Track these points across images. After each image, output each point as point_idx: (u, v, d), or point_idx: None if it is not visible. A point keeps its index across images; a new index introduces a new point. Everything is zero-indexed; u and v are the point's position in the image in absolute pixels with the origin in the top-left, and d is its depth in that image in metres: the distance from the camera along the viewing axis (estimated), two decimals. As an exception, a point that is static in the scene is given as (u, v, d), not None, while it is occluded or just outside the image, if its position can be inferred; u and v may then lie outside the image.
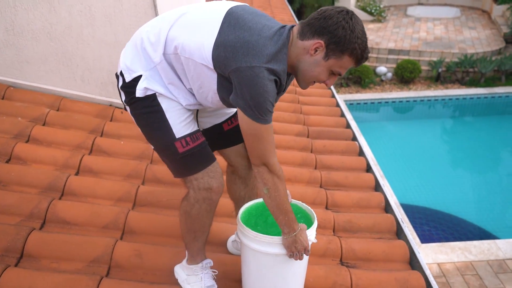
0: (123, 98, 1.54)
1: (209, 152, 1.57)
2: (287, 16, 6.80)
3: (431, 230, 5.51)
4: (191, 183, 1.54)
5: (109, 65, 2.91)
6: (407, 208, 5.69)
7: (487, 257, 4.66)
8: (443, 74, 10.10)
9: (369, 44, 10.97)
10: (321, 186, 2.64)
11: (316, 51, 1.34)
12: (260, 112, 1.32)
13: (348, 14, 1.32)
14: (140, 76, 1.47)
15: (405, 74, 9.82)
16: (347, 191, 2.58)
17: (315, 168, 2.83)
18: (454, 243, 4.89)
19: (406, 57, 10.49)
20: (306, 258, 1.61)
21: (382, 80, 10.33)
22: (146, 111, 1.50)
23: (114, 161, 2.48)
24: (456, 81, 10.10)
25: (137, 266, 1.82)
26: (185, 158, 1.51)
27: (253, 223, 1.66)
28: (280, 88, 1.40)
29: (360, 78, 9.98)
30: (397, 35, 11.77)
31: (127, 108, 1.56)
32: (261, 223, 1.68)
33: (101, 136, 2.72)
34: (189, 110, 1.56)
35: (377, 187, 2.66)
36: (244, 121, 1.36)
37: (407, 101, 9.47)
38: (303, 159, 2.85)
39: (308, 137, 3.24)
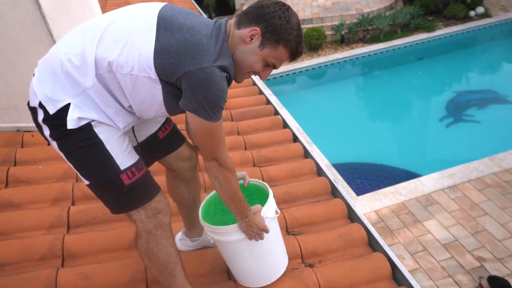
0: (47, 132, 1.34)
1: (153, 180, 1.50)
2: (187, 4, 6.69)
3: (364, 182, 5.87)
4: (138, 215, 1.45)
5: (4, 87, 2.68)
6: (339, 167, 5.99)
7: (415, 195, 5.09)
8: (346, 36, 10.61)
9: (273, 19, 11.17)
10: (254, 165, 2.70)
11: (252, 38, 1.33)
12: (214, 111, 1.30)
13: (285, 6, 1.34)
14: (68, 105, 1.29)
15: (312, 42, 10.17)
16: (280, 164, 2.66)
17: (245, 149, 2.88)
18: (386, 189, 5.26)
19: (310, 26, 10.84)
20: (274, 230, 1.67)
21: (292, 52, 10.60)
22: (82, 145, 1.33)
23: (36, 188, 2.32)
24: (359, 40, 10.67)
25: (85, 288, 1.76)
26: (132, 190, 1.40)
27: (212, 213, 1.73)
28: (230, 83, 1.37)
29: (271, 53, 10.15)
30: (298, 6, 12.09)
31: (53, 143, 1.37)
32: (219, 211, 1.73)
33: (15, 165, 2.52)
34: (125, 134, 1.46)
35: (307, 154, 2.78)
36: (196, 122, 1.32)
37: (319, 67, 9.85)
38: (232, 142, 2.88)
39: (232, 120, 3.27)
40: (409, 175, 5.70)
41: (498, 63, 9.54)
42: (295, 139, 2.97)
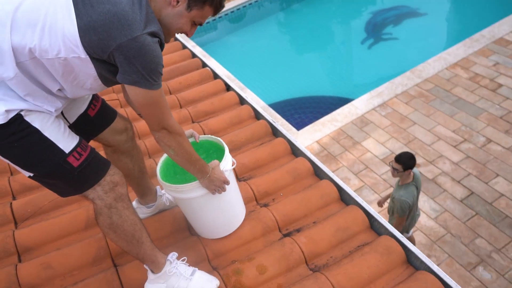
0: None
1: (100, 156, 1.47)
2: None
3: (302, 116, 6.07)
4: (95, 193, 1.42)
5: None
6: (276, 106, 6.11)
7: (350, 119, 5.37)
8: (259, -28, 10.36)
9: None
10: (193, 122, 2.70)
11: (178, 2, 1.30)
12: (154, 78, 1.28)
13: None
14: None
15: (226, -16, 9.85)
16: (218, 116, 2.68)
17: (181, 107, 2.86)
18: (323, 118, 5.49)
19: (220, -33, 10.43)
20: (232, 181, 1.73)
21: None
22: (17, 138, 1.26)
23: (-31, 191, 2.19)
24: (273, -26, 10.48)
25: (51, 277, 1.75)
26: (84, 170, 1.37)
27: (172, 173, 1.74)
28: (162, 47, 1.34)
29: (187, 3, 9.76)
30: None
31: None
32: (179, 170, 1.73)
33: None
34: (58, 117, 1.40)
35: (242, 101, 2.81)
36: (138, 93, 1.29)
37: (238, 9, 9.64)
38: (166, 103, 2.84)
39: (161, 81, 3.19)
40: (343, 101, 5.96)
41: (406, -22, 9.86)
42: (228, 87, 2.98)
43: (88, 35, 1.20)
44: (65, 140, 1.35)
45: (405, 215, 3.18)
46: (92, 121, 1.65)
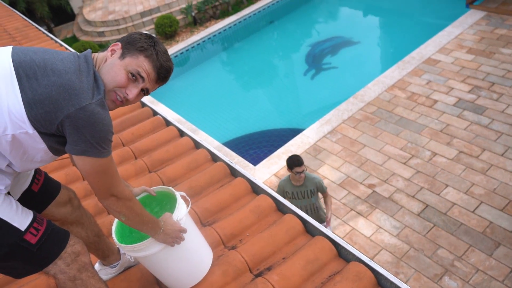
0: None
1: (58, 227, 1.39)
2: (19, 22, 6.05)
3: (257, 151, 6.15)
4: (56, 267, 1.35)
5: None
6: (230, 144, 6.17)
7: (303, 148, 5.51)
8: (197, 16, 10.66)
9: (120, 15, 10.71)
10: (150, 171, 2.67)
11: (113, 53, 1.33)
12: (103, 146, 1.25)
13: (153, 37, 1.36)
14: None
15: (166, 30, 10.03)
16: (175, 163, 2.67)
17: (136, 158, 2.82)
18: (277, 151, 5.59)
19: (159, 14, 10.63)
20: (190, 227, 1.70)
21: (150, 45, 10.35)
22: None
23: None
24: (211, 18, 10.81)
25: None
26: (43, 245, 1.30)
27: (127, 232, 1.70)
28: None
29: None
30: (140, -3, 11.72)
31: None
32: None
33: None
34: (6, 194, 1.32)
35: (197, 145, 2.82)
36: (87, 163, 1.25)
37: (181, 53, 9.80)
38: (120, 155, 2.79)
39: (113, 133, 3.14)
40: (294, 132, 6.12)
41: (335, 10, 10.51)
42: (182, 133, 2.99)
43: (35, 109, 1.17)
44: (19, 217, 1.28)
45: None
46: (36, 196, 1.56)
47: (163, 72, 1.36)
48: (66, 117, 1.18)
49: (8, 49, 1.26)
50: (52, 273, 1.35)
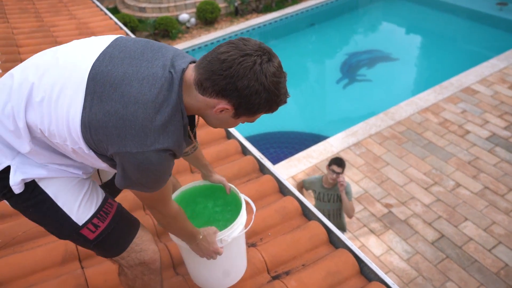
0: None
1: (127, 223, 1.31)
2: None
3: (277, 151, 6.11)
4: (121, 262, 1.32)
5: None
6: (251, 140, 6.13)
7: (325, 156, 5.43)
8: (240, 7, 10.62)
9: (163, -6, 10.74)
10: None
11: (222, 111, 1.09)
12: (153, 187, 1.14)
13: (262, 68, 1.02)
14: (8, 167, 1.12)
15: (207, 16, 10.02)
16: (204, 149, 2.64)
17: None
18: (298, 154, 5.53)
19: (202, -1, 10.64)
20: (235, 247, 1.62)
21: (188, 27, 10.37)
22: (30, 204, 1.17)
23: None
24: (253, 10, 10.77)
25: (22, 317, 1.61)
26: (101, 243, 1.25)
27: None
28: (183, 150, 1.17)
29: (167, 31, 9.82)
30: (186, -21, 11.74)
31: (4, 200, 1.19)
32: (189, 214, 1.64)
33: None
34: (86, 178, 1.27)
35: (229, 135, 2.79)
36: (137, 193, 1.17)
37: (217, 41, 9.78)
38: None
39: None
40: (317, 138, 6.05)
41: (378, 23, 10.36)
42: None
43: (88, 133, 1.06)
44: (81, 211, 1.22)
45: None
46: None
47: (277, 109, 1.16)
48: (116, 154, 1.06)
49: (103, 47, 1.12)
50: (118, 263, 1.34)
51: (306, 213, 2.14)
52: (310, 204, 2.13)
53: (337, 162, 3.34)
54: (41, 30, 4.13)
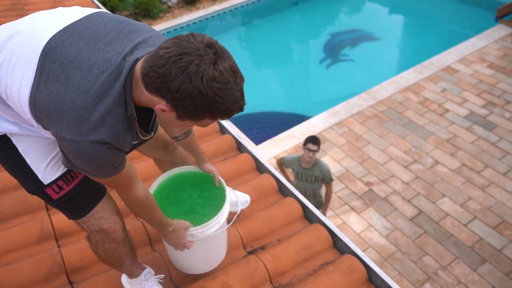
0: None
1: (92, 190, 1.32)
2: None
3: (260, 131, 6.12)
4: (83, 225, 1.35)
5: None
6: (235, 120, 6.13)
7: (307, 136, 5.46)
8: (222, -14, 10.45)
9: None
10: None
11: (164, 110, 1.00)
12: (96, 174, 1.13)
13: (199, 70, 0.92)
14: None
15: (189, -5, 9.84)
16: (182, 128, 2.64)
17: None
18: (281, 134, 5.56)
19: (183, -22, 10.42)
20: (219, 240, 1.64)
21: (169, 7, 10.18)
22: (1, 156, 1.21)
23: None
24: (235, -11, 10.60)
25: (-2, 295, 1.62)
26: (63, 204, 1.28)
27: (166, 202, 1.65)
28: (128, 142, 1.11)
29: (148, 10, 9.63)
30: (167, -43, 11.46)
31: None
32: (173, 199, 1.66)
33: None
34: None
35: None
36: None
37: (200, 21, 9.64)
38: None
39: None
40: (301, 119, 6.07)
41: (362, 3, 10.32)
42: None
43: (34, 109, 1.04)
44: (48, 171, 1.23)
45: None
46: None
47: (231, 116, 1.04)
48: (55, 135, 1.04)
49: (69, 20, 1.08)
50: (80, 226, 1.36)
51: (282, 190, 2.17)
52: (286, 181, 2.16)
53: (312, 140, 3.37)
54: (14, 9, 4.03)
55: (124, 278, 1.65)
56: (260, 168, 2.33)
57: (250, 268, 1.73)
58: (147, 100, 1.03)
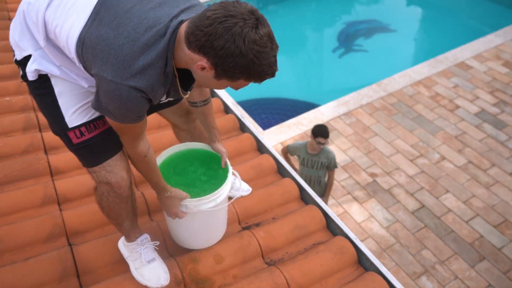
0: (20, 72, 1.33)
1: (109, 143, 1.40)
2: None
3: (269, 117, 6.14)
4: (92, 175, 1.44)
5: None
6: (244, 105, 6.15)
7: (315, 124, 5.45)
8: (240, -30, 10.38)
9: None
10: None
11: (203, 68, 1.10)
12: (119, 118, 1.20)
13: (242, 31, 1.02)
14: (29, 56, 1.26)
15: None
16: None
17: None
18: (289, 121, 5.57)
19: (202, -41, 10.37)
20: (219, 216, 1.68)
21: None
22: (38, 93, 1.33)
23: None
24: (253, -26, 10.52)
25: (1, 251, 1.70)
26: (80, 149, 1.38)
27: (172, 172, 1.70)
28: (159, 95, 1.20)
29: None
30: None
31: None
32: (180, 170, 1.71)
33: None
34: (93, 92, 1.35)
35: (213, 93, 2.82)
36: (108, 119, 1.25)
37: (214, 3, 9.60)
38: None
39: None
40: (310, 106, 6.07)
41: (381, -6, 10.18)
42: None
43: (81, 48, 1.15)
44: (75, 115, 1.33)
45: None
46: None
47: (264, 80, 1.15)
48: (95, 74, 1.14)
49: None
50: (90, 175, 1.45)
51: (281, 171, 2.21)
52: (285, 163, 2.19)
53: (324, 134, 3.36)
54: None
55: (120, 242, 1.71)
56: (261, 148, 2.36)
57: (243, 242, 1.78)
58: (187, 59, 1.12)
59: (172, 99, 1.40)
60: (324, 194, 3.77)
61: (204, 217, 1.64)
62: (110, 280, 1.61)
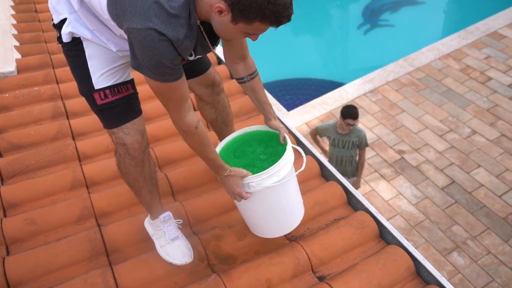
0: (57, 35, 1.43)
1: (129, 108, 1.48)
2: None
3: (293, 98, 6.10)
4: (112, 137, 1.52)
5: None
6: (267, 86, 6.13)
7: (340, 103, 5.41)
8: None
9: None
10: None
11: (221, 13, 1.16)
12: (155, 72, 1.23)
13: None
14: (65, 19, 1.37)
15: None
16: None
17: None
18: (313, 101, 5.52)
19: None
20: (292, 183, 1.61)
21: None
22: (70, 54, 1.43)
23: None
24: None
25: (34, 232, 1.79)
26: (103, 111, 1.47)
27: (232, 156, 1.68)
28: (186, 49, 1.24)
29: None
30: None
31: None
32: (239, 153, 1.68)
33: None
34: (122, 56, 1.44)
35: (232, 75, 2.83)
36: (147, 79, 1.28)
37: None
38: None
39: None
40: (334, 85, 5.99)
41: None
42: (220, 61, 3.00)
43: (111, 6, 1.23)
44: (102, 78, 1.42)
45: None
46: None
47: (280, 25, 1.19)
48: (126, 29, 1.19)
49: None
50: (110, 137, 1.53)
51: (302, 148, 2.21)
52: (305, 140, 2.19)
53: (353, 115, 3.29)
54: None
55: (146, 221, 1.77)
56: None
57: (264, 220, 1.80)
58: (206, 6, 1.18)
59: (200, 56, 1.46)
60: (355, 173, 3.72)
61: (272, 195, 1.57)
62: (137, 258, 1.67)
